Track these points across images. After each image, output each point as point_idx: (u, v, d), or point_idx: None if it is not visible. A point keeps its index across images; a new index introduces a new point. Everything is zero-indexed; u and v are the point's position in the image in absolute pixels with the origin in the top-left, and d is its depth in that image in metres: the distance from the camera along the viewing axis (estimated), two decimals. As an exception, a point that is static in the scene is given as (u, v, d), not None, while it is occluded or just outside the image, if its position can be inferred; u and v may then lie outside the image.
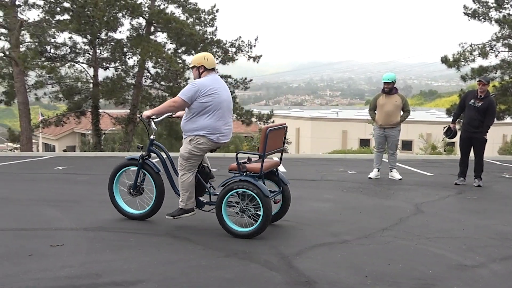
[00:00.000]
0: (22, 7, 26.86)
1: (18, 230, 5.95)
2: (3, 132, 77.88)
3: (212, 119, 6.08)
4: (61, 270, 4.45)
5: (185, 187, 6.20)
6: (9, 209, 7.19)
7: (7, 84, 28.16)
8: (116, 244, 5.34)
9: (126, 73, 28.34)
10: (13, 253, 4.97)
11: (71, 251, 5.05)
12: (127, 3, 25.34)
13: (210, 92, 6.03)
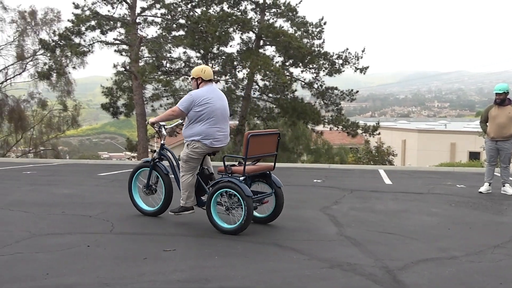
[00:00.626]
0: (142, 24, 28.23)
1: (135, 234, 6.25)
2: (122, 142, 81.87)
3: (206, 126, 6.71)
4: (173, 273, 4.64)
5: (185, 187, 6.88)
6: (126, 214, 7.55)
7: (127, 96, 29.62)
8: (224, 251, 5.48)
9: (236, 85, 28.97)
10: (130, 256, 5.24)
11: (182, 256, 5.24)
12: (238, 18, 25.96)
13: (204, 102, 6.68)
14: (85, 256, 5.17)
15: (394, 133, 49.13)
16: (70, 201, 8.61)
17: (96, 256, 5.20)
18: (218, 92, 6.97)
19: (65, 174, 13.44)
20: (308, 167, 18.07)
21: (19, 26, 35.34)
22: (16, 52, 35.53)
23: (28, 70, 36.00)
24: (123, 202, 8.59)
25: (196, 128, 6.74)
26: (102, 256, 5.20)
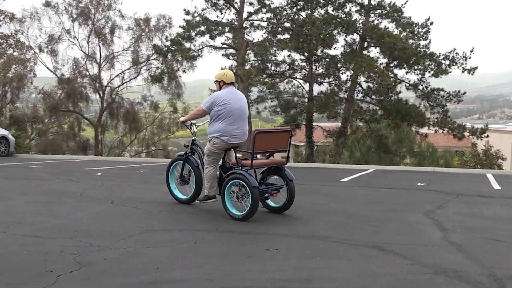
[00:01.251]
0: (248, 28, 28.69)
1: (239, 233, 6.37)
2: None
3: (224, 124, 7.48)
4: (275, 272, 4.68)
5: (208, 178, 7.66)
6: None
7: (233, 99, 30.14)
8: (326, 253, 5.46)
9: (339, 87, 28.75)
10: (234, 254, 5.35)
11: (285, 256, 5.28)
12: (343, 20, 25.75)
13: (223, 102, 7.44)
14: (192, 252, 5.33)
15: (504, 136, 46.57)
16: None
17: (203, 252, 5.35)
18: (238, 94, 7.75)
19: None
20: (411, 170, 17.59)
21: (135, 33, 37.08)
22: (132, 58, 37.31)
23: (142, 74, 37.72)
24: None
25: (216, 126, 7.54)
26: (208, 253, 5.35)
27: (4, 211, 7.48)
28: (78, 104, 36.86)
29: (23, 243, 5.58)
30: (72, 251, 5.22)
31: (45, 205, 8.14)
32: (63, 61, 38.54)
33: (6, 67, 30.83)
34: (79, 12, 36.08)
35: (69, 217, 7.19)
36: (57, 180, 11.33)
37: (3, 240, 5.72)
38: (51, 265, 4.77)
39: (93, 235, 6.00)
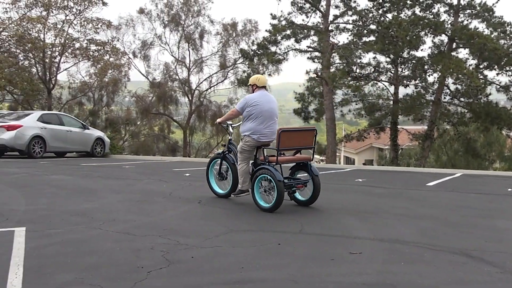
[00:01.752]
0: (334, 31, 28.50)
1: (323, 235, 6.34)
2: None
3: (255, 124, 8.09)
4: (359, 276, 4.63)
5: (241, 174, 8.31)
6: (314, 216, 7.69)
7: (318, 102, 30.09)
8: (411, 258, 5.33)
9: (426, 90, 27.98)
10: (317, 256, 5.34)
11: (368, 260, 5.21)
12: (431, 21, 25.07)
13: (254, 104, 8.07)
14: (276, 253, 5.37)
15: None
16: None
17: (286, 254, 5.37)
18: (268, 96, 8.33)
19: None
20: (501, 175, 16.85)
21: (222, 38, 37.76)
22: (219, 62, 38.02)
23: (229, 78, 38.36)
24: (313, 204, 8.77)
25: (247, 125, 8.17)
26: (291, 254, 5.36)
27: (100, 209, 7.82)
28: (168, 107, 38.01)
29: (116, 240, 5.82)
30: (161, 249, 5.39)
31: (136, 203, 8.45)
32: (154, 66, 40.02)
33: (103, 72, 32.25)
34: (170, 19, 37.22)
35: (159, 215, 7.43)
36: (148, 180, 11.72)
37: (98, 236, 5.99)
38: (142, 261, 4.94)
39: (181, 233, 6.17)
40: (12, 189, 9.74)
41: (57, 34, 29.75)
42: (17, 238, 5.76)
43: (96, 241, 5.74)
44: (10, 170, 13.41)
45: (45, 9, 29.42)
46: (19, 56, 29.79)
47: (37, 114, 19.72)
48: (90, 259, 5.02)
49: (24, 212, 7.43)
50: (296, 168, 8.47)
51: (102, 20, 31.30)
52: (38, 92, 29.89)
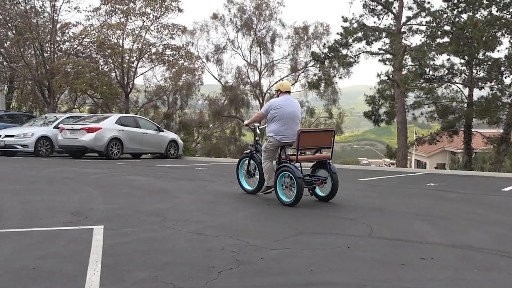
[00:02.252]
0: (406, 33, 27.95)
1: (393, 240, 6.23)
2: (381, 148, 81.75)
3: (278, 126, 8.76)
4: (430, 282, 4.52)
5: (266, 171, 8.99)
6: (384, 219, 7.57)
7: (389, 104, 29.58)
8: (484, 265, 5.15)
9: (502, 92, 26.92)
10: (387, 261, 5.25)
11: (440, 266, 5.07)
12: (508, 21, 24.13)
13: (277, 107, 8.78)
14: (346, 257, 5.32)
15: None
16: (333, 203, 8.92)
17: (356, 257, 5.32)
18: (291, 101, 9.03)
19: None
20: None
21: (293, 41, 37.80)
22: (290, 65, 38.09)
23: (299, 81, 38.33)
24: (383, 207, 8.63)
25: (271, 127, 8.84)
26: (361, 258, 5.30)
27: (173, 209, 8.01)
28: (240, 110, 38.39)
29: (189, 239, 5.94)
30: (232, 249, 5.46)
31: (208, 204, 8.59)
32: (227, 70, 40.59)
33: (177, 76, 32.97)
34: (243, 23, 37.63)
35: (230, 216, 7.52)
36: (219, 182, 11.89)
37: (171, 236, 6.13)
38: (213, 261, 5.03)
39: (251, 234, 6.22)
40: (91, 188, 10.13)
41: (135, 39, 30.67)
42: (96, 235, 5.99)
43: (169, 241, 5.88)
44: (90, 170, 13.94)
45: (124, 16, 30.41)
46: (99, 61, 30.94)
47: (115, 117, 20.41)
48: (164, 258, 5.15)
49: (102, 211, 7.71)
50: (317, 166, 9.10)
51: (178, 25, 32.03)
52: (116, 96, 30.93)
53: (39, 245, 5.64)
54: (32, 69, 28.67)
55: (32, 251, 5.34)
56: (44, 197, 8.99)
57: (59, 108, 33.52)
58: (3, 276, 4.56)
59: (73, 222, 6.79)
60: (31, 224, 6.73)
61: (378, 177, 14.27)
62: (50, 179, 11.67)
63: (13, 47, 28.99)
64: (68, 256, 5.19)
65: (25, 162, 16.95)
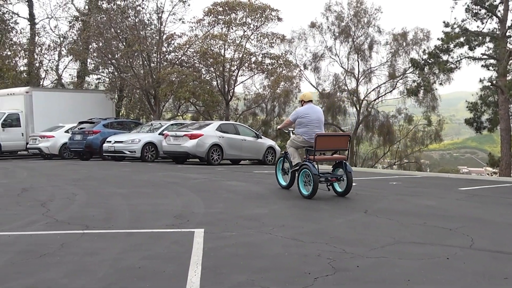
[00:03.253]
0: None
1: (495, 252, 5.92)
2: (482, 157, 78.03)
3: (305, 129, 10.20)
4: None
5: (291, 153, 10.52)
6: (486, 231, 7.21)
7: (492, 111, 28.26)
8: None
9: None
10: (488, 273, 4.99)
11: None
12: None
13: (303, 116, 10.24)
14: (445, 268, 5.12)
15: None
16: (431, 212, 8.64)
17: (455, 269, 5.11)
18: (315, 108, 10.59)
19: (427, 186, 13.51)
20: None
21: (392, 47, 37.02)
22: (388, 72, 37.31)
23: (397, 88, 37.46)
24: (485, 218, 8.24)
25: (300, 130, 10.30)
26: (461, 269, 5.09)
27: (270, 215, 8.08)
28: (336, 117, 38.09)
29: (285, 245, 5.96)
30: (328, 256, 5.42)
31: (304, 210, 8.59)
32: (324, 77, 40.17)
33: (276, 84, 33.28)
34: (340, 31, 37.37)
35: (325, 223, 7.48)
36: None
37: (268, 241, 6.18)
38: (309, 267, 5.01)
39: (347, 242, 6.15)
40: (193, 193, 10.43)
41: (235, 49, 31.32)
42: (197, 238, 6.15)
43: (266, 245, 5.94)
44: (191, 175, 14.36)
45: (226, 26, 31.15)
46: (202, 70, 31.86)
47: (216, 124, 20.90)
48: (261, 262, 5.20)
49: (203, 214, 7.92)
50: (336, 166, 10.33)
51: (277, 34, 32.35)
52: (217, 103, 31.69)
53: (144, 246, 5.88)
54: (140, 79, 30.02)
55: (137, 251, 5.58)
56: (150, 201, 9.37)
57: (164, 115, 34.83)
58: (112, 274, 4.80)
59: (176, 225, 7.03)
60: (137, 225, 7.04)
61: (479, 187, 13.61)
62: (155, 184, 12.15)
63: (123, 58, 30.48)
64: (171, 257, 5.37)
65: (132, 166, 17.74)
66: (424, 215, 8.30)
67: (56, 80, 38.20)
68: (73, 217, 7.65)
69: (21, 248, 5.75)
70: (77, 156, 23.21)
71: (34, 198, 9.53)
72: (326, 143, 9.99)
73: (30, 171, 15.40)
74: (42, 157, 23.96)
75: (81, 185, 11.63)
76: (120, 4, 31.03)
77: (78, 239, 6.15)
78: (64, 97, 28.29)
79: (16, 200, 9.31)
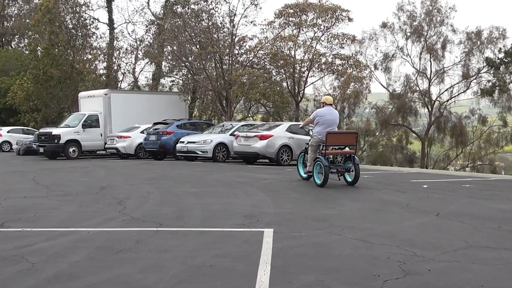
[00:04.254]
0: None
1: None
2: None
3: (321, 128, 11.72)
4: None
5: (309, 160, 12.02)
6: None
7: None
8: None
9: None
10: None
11: None
12: None
13: (321, 115, 11.89)
14: (520, 275, 4.92)
15: None
16: (506, 216, 8.28)
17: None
18: (332, 111, 12.18)
19: (502, 189, 12.97)
20: None
21: (466, 47, 35.82)
22: (462, 72, 36.10)
23: (471, 88, 36.18)
24: None
25: (317, 129, 11.89)
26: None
27: (339, 216, 8.01)
28: (407, 118, 37.24)
29: (354, 246, 5.90)
30: (398, 259, 5.32)
31: (374, 212, 8.45)
32: (395, 78, 39.22)
33: (345, 85, 32.93)
34: (412, 30, 36.50)
35: (396, 225, 7.33)
36: (385, 190, 11.62)
37: (338, 242, 6.14)
38: (378, 269, 4.94)
39: (417, 245, 6.00)
40: (262, 193, 10.50)
41: (306, 50, 31.22)
42: (266, 238, 6.19)
43: (335, 246, 5.90)
44: (261, 176, 14.45)
45: (297, 28, 31.13)
46: (272, 72, 31.96)
47: (286, 125, 20.93)
48: (330, 263, 5.18)
49: (272, 214, 7.96)
50: (346, 159, 11.79)
51: (347, 35, 31.98)
52: (287, 105, 31.70)
53: (215, 244, 5.98)
54: (212, 81, 30.48)
55: (209, 250, 5.69)
56: (221, 200, 9.51)
57: (235, 116, 35.20)
58: (184, 271, 4.91)
59: (246, 224, 7.10)
60: (209, 224, 7.17)
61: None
62: (226, 183, 12.32)
63: (196, 60, 31.06)
64: (241, 256, 5.43)
65: (204, 166, 18.05)
66: (499, 219, 7.97)
67: (132, 83, 39.48)
68: (147, 214, 7.88)
69: (99, 243, 5.98)
70: (151, 156, 23.86)
71: (111, 196, 9.90)
72: (335, 140, 11.71)
73: (108, 170, 15.98)
74: (119, 157, 24.78)
75: (155, 184, 11.96)
76: (194, 8, 31.62)
77: (152, 236, 6.33)
78: (140, 98, 29.16)
79: (95, 197, 9.70)
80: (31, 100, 36.06)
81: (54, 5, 33.93)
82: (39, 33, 35.60)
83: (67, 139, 24.29)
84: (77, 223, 7.24)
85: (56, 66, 33.75)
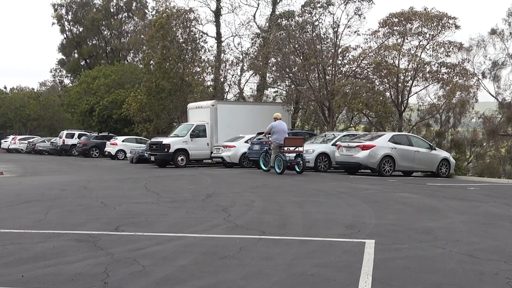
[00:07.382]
0: None
1: None
2: None
3: (276, 136, 17.74)
4: None
5: (272, 159, 18.07)
6: None
7: None
8: None
9: None
10: None
11: None
12: None
13: (275, 127, 17.86)
14: None
15: None
16: None
17: None
18: (281, 123, 18.05)
19: None
20: None
21: None
22: None
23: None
24: None
25: (273, 136, 17.77)
26: None
27: (443, 228, 7.71)
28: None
29: (459, 261, 5.67)
30: (506, 275, 5.05)
31: (481, 226, 8.06)
32: (505, 86, 37.04)
33: (451, 94, 31.64)
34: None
35: (504, 240, 6.95)
36: (493, 203, 11.05)
37: (441, 255, 5.92)
38: (485, 286, 4.72)
39: (528, 262, 5.65)
40: (364, 203, 10.33)
41: (410, 59, 30.38)
42: (367, 249, 6.10)
43: (439, 260, 5.70)
44: (362, 186, 14.23)
45: (401, 36, 30.42)
46: (375, 81, 31.40)
47: (388, 135, 20.47)
48: (433, 277, 5.02)
49: (374, 225, 7.82)
50: (296, 156, 17.95)
51: (454, 43, 30.73)
52: (390, 115, 30.96)
53: (316, 253, 5.98)
54: (315, 91, 30.47)
55: (310, 259, 5.70)
56: (322, 209, 9.48)
57: (337, 126, 34.93)
58: (285, 279, 4.96)
59: (347, 235, 7.04)
60: (310, 233, 7.18)
61: None
62: (327, 193, 12.26)
63: (299, 71, 31.20)
64: (342, 266, 5.40)
65: (306, 176, 18.07)
66: None
67: (238, 94, 40.37)
68: (251, 222, 8.03)
69: (205, 249, 6.18)
70: (255, 165, 24.26)
71: (216, 203, 10.18)
72: (290, 143, 17.86)
73: (214, 178, 16.44)
74: (224, 166, 25.37)
75: (258, 192, 12.15)
76: (298, 20, 31.84)
77: (255, 244, 6.44)
78: (245, 109, 29.75)
79: (201, 205, 10.02)
80: (144, 111, 37.86)
81: (167, 21, 35.55)
82: (152, 48, 37.39)
83: (176, 148, 25.23)
84: (184, 228, 7.52)
85: (167, 79, 35.23)
